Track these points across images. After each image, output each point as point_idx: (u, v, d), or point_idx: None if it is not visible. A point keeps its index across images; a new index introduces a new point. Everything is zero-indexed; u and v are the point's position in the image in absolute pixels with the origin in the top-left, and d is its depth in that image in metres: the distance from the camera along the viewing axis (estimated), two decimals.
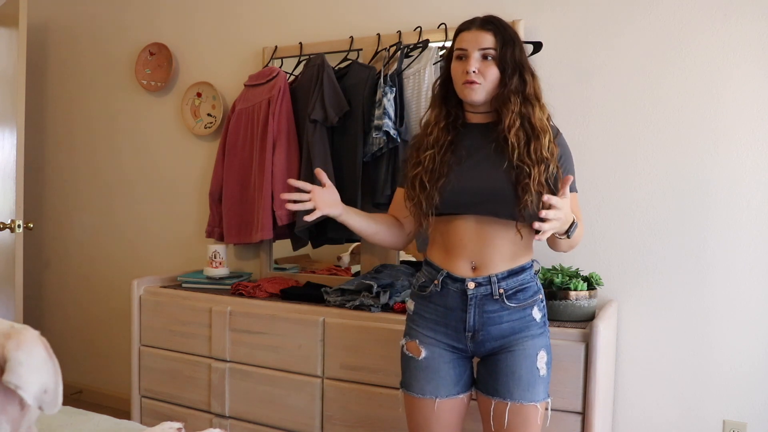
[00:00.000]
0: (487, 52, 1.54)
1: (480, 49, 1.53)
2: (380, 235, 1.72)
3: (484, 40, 1.53)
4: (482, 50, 1.53)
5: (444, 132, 1.60)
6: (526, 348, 1.55)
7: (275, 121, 2.54)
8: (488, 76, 1.54)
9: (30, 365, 0.84)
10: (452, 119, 1.61)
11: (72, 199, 3.42)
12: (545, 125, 1.55)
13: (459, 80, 1.56)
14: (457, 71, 1.57)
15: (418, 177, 1.59)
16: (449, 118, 1.62)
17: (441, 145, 1.59)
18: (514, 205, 1.51)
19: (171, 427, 1.24)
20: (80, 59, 3.37)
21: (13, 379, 0.83)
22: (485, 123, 1.61)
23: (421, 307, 1.64)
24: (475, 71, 1.53)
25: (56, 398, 0.87)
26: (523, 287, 1.57)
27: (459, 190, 1.55)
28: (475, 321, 1.55)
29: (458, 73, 1.56)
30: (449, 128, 1.61)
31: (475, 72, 1.53)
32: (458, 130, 1.62)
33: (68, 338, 3.44)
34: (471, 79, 1.53)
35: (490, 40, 1.53)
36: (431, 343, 1.61)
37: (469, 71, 1.53)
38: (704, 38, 2.09)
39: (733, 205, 2.07)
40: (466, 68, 1.53)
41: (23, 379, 0.83)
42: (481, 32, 1.54)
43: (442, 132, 1.60)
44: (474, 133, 1.61)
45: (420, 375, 1.61)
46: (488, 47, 1.53)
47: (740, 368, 2.07)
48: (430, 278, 1.62)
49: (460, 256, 1.58)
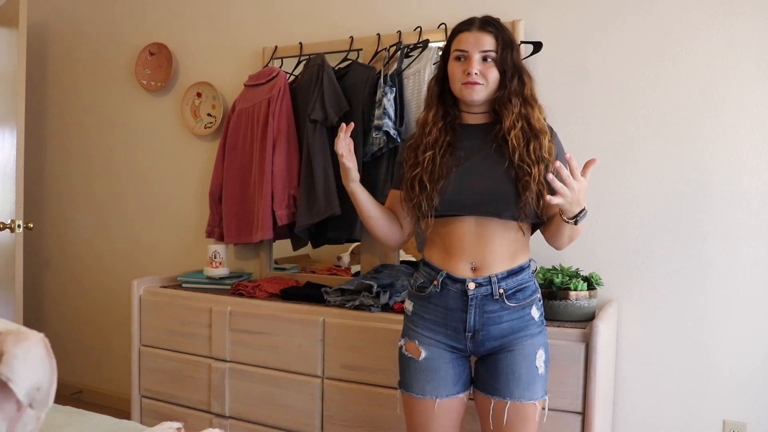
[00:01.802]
0: (487, 54, 1.55)
1: (481, 51, 1.55)
2: (379, 222, 1.71)
3: (485, 42, 1.55)
4: (483, 52, 1.55)
5: (442, 132, 1.60)
6: (525, 347, 1.56)
7: (275, 121, 2.54)
8: (489, 78, 1.55)
9: (25, 360, 0.84)
10: (450, 119, 1.62)
11: (72, 199, 3.42)
12: (544, 125, 1.58)
13: (458, 80, 1.57)
14: (457, 71, 1.57)
15: (418, 178, 1.59)
16: (447, 118, 1.62)
17: (440, 145, 1.59)
18: (515, 206, 1.53)
19: (171, 427, 1.24)
20: (80, 59, 3.37)
21: (5, 371, 0.83)
22: (482, 124, 1.62)
23: (419, 307, 1.64)
24: (477, 73, 1.54)
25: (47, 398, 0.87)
26: (522, 287, 1.58)
27: (460, 191, 1.56)
28: (476, 321, 1.56)
29: (458, 73, 1.57)
30: (447, 129, 1.61)
31: (477, 74, 1.54)
32: (456, 130, 1.62)
33: (68, 338, 3.44)
34: (474, 80, 1.54)
35: (491, 42, 1.55)
36: (431, 343, 1.61)
37: (471, 72, 1.54)
38: (703, 37, 2.09)
39: (733, 205, 2.07)
40: (468, 69, 1.54)
41: (16, 372, 0.83)
42: (482, 34, 1.55)
43: (441, 132, 1.60)
44: (471, 133, 1.62)
45: (420, 375, 1.61)
46: (489, 49, 1.55)
47: (740, 368, 2.07)
48: (429, 279, 1.62)
49: (460, 257, 1.58)
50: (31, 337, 0.87)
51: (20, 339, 0.85)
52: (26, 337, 0.86)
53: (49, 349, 0.89)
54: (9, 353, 0.83)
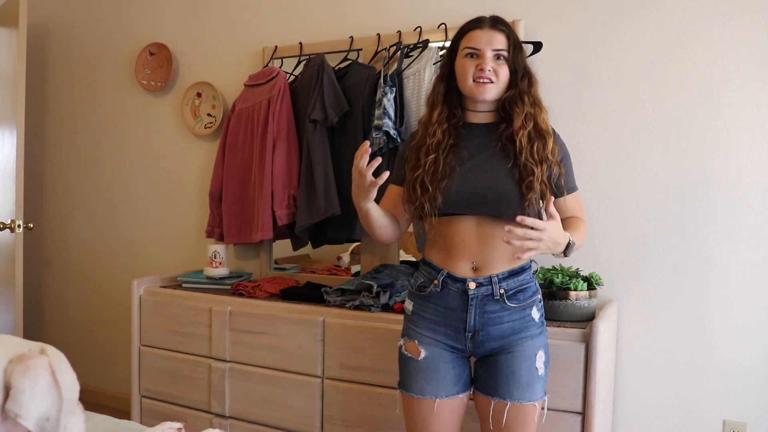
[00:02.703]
0: (500, 53, 1.55)
1: (494, 50, 1.55)
2: (385, 229, 1.68)
3: (498, 40, 1.55)
4: (496, 51, 1.55)
5: (446, 135, 1.59)
6: (526, 348, 1.56)
7: (275, 121, 2.54)
8: (501, 76, 1.55)
9: (33, 393, 0.86)
10: (455, 121, 1.61)
11: (72, 199, 3.42)
12: (548, 127, 1.59)
13: (469, 77, 1.56)
14: (467, 68, 1.56)
15: (419, 179, 1.58)
16: (452, 119, 1.61)
17: (443, 148, 1.58)
18: (519, 205, 1.53)
19: (171, 427, 1.24)
20: (80, 59, 3.37)
21: (14, 407, 0.84)
22: (486, 123, 1.62)
23: (420, 307, 1.64)
24: (491, 70, 1.54)
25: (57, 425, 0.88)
26: (523, 288, 1.58)
27: (463, 191, 1.55)
28: (476, 321, 1.56)
29: (468, 70, 1.56)
30: (451, 130, 1.60)
31: (490, 71, 1.54)
32: (459, 131, 1.61)
33: (68, 338, 3.44)
34: (487, 76, 1.53)
35: (503, 41, 1.55)
36: (430, 343, 1.60)
37: (485, 69, 1.53)
38: (704, 38, 2.09)
39: (733, 205, 2.07)
40: (482, 65, 1.54)
41: (23, 407, 0.84)
42: (494, 32, 1.56)
43: (445, 134, 1.59)
44: (475, 133, 1.61)
45: (420, 375, 1.60)
46: (502, 48, 1.55)
47: (740, 368, 2.07)
48: (430, 278, 1.62)
49: (461, 257, 1.58)
50: (38, 365, 0.88)
51: (26, 369, 0.86)
52: (33, 366, 0.87)
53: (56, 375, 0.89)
54: (16, 388, 0.85)
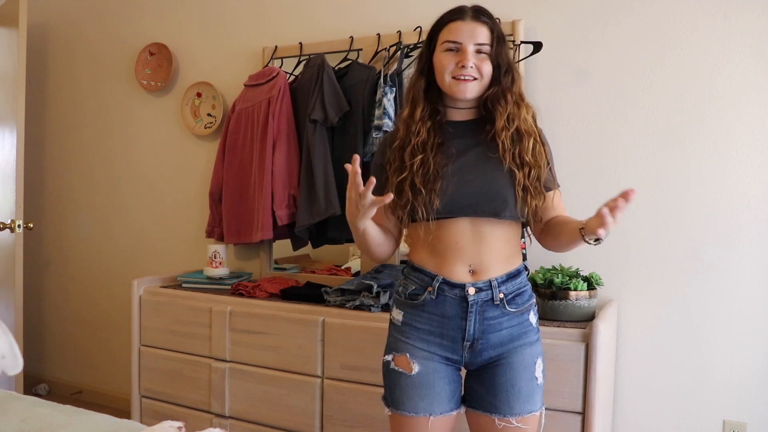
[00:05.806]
0: (482, 47, 1.45)
1: (476, 44, 1.44)
2: (382, 247, 1.57)
3: (480, 33, 1.44)
4: (478, 45, 1.44)
5: (431, 133, 1.49)
6: (525, 357, 1.48)
7: (275, 121, 2.54)
8: (484, 72, 1.45)
9: None
10: (439, 118, 1.51)
11: (72, 199, 3.42)
12: (530, 126, 1.51)
13: (448, 74, 1.46)
14: (446, 64, 1.46)
15: (408, 181, 1.47)
16: (435, 116, 1.50)
17: (431, 147, 1.47)
18: (514, 205, 1.46)
19: (171, 426, 1.25)
20: (80, 59, 3.37)
21: None
22: (469, 120, 1.53)
23: (411, 317, 1.52)
24: (473, 66, 1.44)
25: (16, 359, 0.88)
26: (521, 291, 1.51)
27: (459, 192, 1.46)
28: (476, 329, 1.47)
29: (447, 66, 1.45)
30: (436, 128, 1.50)
31: (472, 67, 1.44)
32: (445, 128, 1.51)
33: (68, 338, 3.44)
34: (469, 74, 1.44)
35: (486, 35, 1.45)
36: (424, 356, 1.49)
37: (466, 66, 1.43)
38: (703, 37, 2.09)
39: (733, 205, 2.07)
40: (462, 62, 1.43)
41: None
42: (476, 24, 1.45)
43: (430, 133, 1.49)
44: (460, 131, 1.52)
45: (412, 392, 1.49)
46: (484, 42, 1.44)
47: (740, 368, 2.07)
48: (422, 285, 1.50)
49: (457, 260, 1.48)
50: None
51: None
52: None
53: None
54: None
